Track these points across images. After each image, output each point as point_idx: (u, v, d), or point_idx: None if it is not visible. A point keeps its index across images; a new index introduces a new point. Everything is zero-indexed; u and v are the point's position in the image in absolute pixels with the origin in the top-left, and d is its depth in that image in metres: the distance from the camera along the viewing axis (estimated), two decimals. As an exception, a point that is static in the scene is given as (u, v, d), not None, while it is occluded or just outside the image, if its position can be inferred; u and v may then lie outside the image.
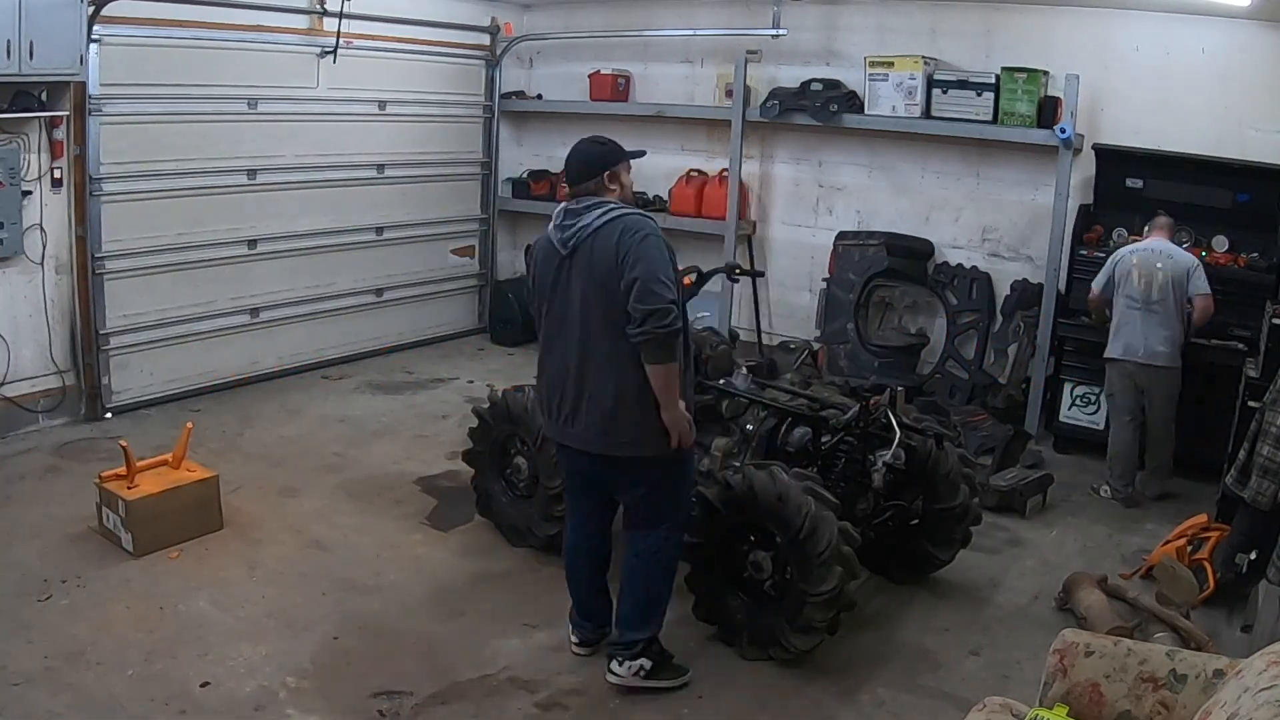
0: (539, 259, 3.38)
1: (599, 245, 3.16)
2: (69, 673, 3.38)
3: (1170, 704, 2.45)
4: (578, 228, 3.21)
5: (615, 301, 3.14)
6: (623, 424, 3.24)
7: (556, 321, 3.32)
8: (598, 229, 3.17)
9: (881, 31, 6.84)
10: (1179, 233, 5.75)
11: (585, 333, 3.23)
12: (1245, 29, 5.74)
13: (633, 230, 3.15)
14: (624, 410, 3.22)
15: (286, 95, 6.58)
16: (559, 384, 3.34)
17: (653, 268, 3.09)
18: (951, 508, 4.15)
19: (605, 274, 3.14)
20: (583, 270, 3.20)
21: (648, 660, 3.46)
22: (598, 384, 3.24)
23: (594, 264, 3.17)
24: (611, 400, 3.22)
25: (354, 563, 4.33)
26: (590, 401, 3.26)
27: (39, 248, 5.45)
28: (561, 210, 3.31)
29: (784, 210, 7.49)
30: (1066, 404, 6.08)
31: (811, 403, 4.30)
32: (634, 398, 3.21)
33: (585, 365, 3.25)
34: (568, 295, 3.26)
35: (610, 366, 3.21)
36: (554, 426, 3.43)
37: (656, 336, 3.08)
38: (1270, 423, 4.02)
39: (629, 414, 3.22)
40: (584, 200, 3.27)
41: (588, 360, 3.24)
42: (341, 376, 7.03)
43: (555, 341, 3.34)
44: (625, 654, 3.45)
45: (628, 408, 3.22)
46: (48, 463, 5.17)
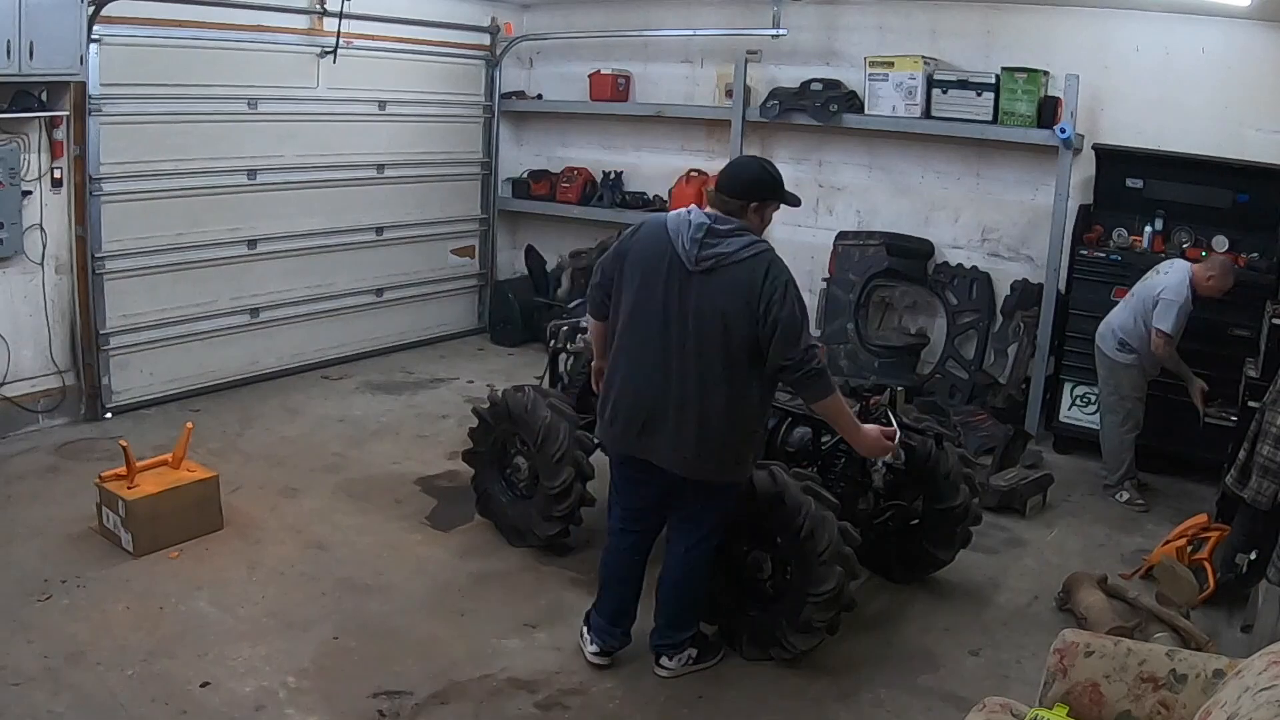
0: (644, 259, 3.23)
1: (740, 277, 3.10)
2: (69, 673, 3.38)
3: (1170, 704, 2.45)
4: (718, 251, 3.11)
5: (741, 334, 3.11)
6: (715, 450, 3.22)
7: (656, 332, 3.20)
8: (742, 260, 3.10)
9: (881, 31, 6.84)
10: (1178, 233, 5.76)
11: (698, 355, 3.15)
12: (1245, 29, 5.74)
13: (779, 274, 3.12)
14: (719, 438, 3.21)
15: (286, 95, 6.58)
16: (646, 395, 3.24)
17: (796, 316, 3.10)
18: (951, 508, 4.14)
19: (743, 305, 3.09)
20: (715, 294, 3.11)
21: (694, 649, 3.59)
22: (700, 408, 3.17)
23: (731, 293, 3.10)
24: (711, 428, 3.18)
25: (354, 563, 4.33)
26: (685, 423, 3.19)
27: (39, 248, 5.45)
28: (704, 225, 3.15)
29: (784, 210, 7.43)
30: (1066, 404, 6.08)
31: (811, 403, 4.29)
32: (730, 429, 3.21)
33: (687, 386, 3.17)
34: (687, 310, 3.14)
35: (718, 394, 3.16)
36: (623, 437, 3.33)
37: (810, 376, 3.15)
38: (1270, 423, 4.02)
39: (723, 442, 3.22)
40: (727, 222, 3.17)
41: (693, 382, 3.16)
42: (341, 376, 7.03)
43: (648, 351, 3.22)
44: (675, 651, 3.56)
45: (724, 436, 3.21)
46: (48, 463, 5.17)
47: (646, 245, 3.24)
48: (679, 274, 3.15)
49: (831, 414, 3.30)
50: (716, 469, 3.28)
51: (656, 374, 3.21)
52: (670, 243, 3.17)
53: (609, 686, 3.52)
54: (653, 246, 3.22)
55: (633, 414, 3.28)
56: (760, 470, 3.66)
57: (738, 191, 3.22)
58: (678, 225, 3.18)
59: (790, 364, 3.11)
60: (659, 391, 3.21)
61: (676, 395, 3.19)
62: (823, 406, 3.26)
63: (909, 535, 4.26)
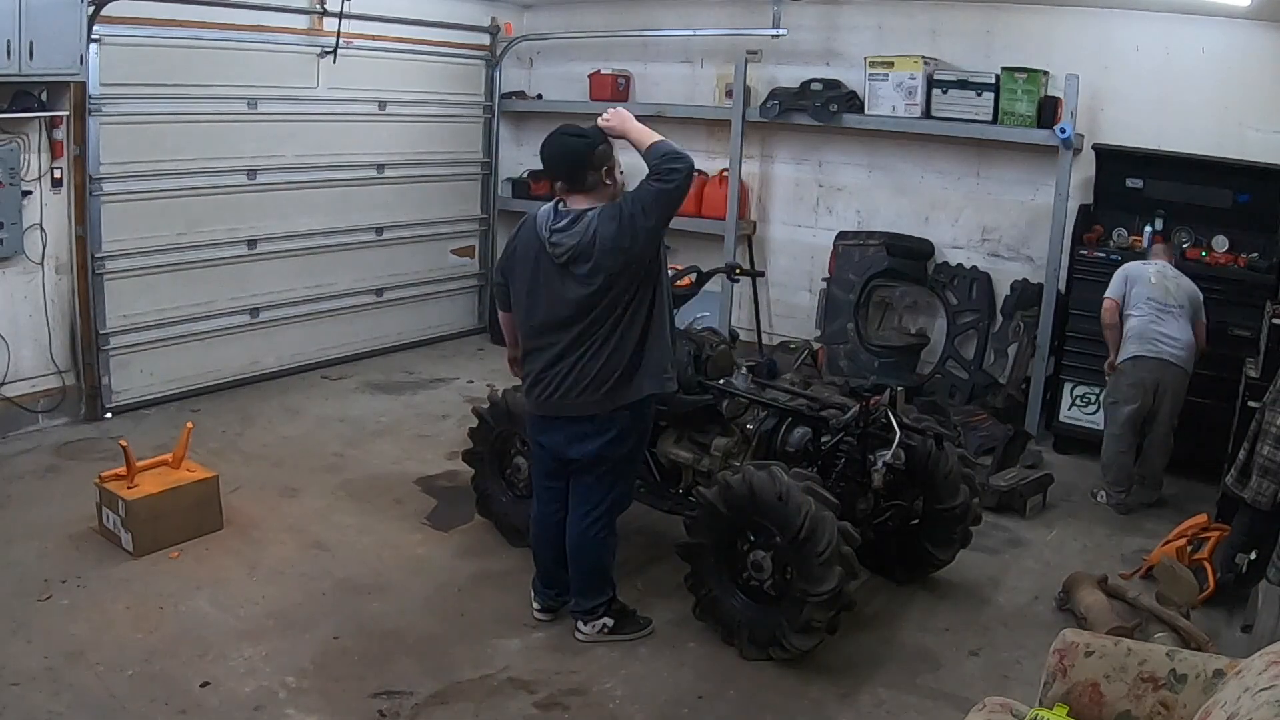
0: (523, 251, 3.46)
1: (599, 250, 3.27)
2: (69, 673, 3.38)
3: (1170, 704, 2.45)
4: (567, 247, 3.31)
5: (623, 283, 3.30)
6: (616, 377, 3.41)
7: (548, 317, 3.43)
8: (591, 236, 3.28)
9: (881, 31, 6.84)
10: (1178, 233, 5.76)
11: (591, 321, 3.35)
12: (1245, 29, 5.74)
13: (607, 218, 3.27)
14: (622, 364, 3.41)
15: (286, 95, 6.58)
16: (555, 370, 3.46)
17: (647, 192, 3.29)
18: (951, 508, 4.14)
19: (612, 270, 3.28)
20: (583, 277, 3.31)
21: (609, 619, 3.77)
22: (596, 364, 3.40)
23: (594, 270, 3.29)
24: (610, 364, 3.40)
25: (354, 563, 4.33)
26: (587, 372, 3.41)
27: (39, 248, 5.45)
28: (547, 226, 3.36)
29: (784, 210, 7.49)
30: (1066, 404, 6.08)
31: (811, 403, 4.30)
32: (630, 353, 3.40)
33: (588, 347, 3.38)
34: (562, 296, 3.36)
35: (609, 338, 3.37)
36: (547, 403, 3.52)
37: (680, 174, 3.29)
38: (1270, 423, 4.02)
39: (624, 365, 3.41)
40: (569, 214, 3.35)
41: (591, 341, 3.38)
42: (341, 376, 7.03)
43: (547, 335, 3.45)
44: (588, 617, 3.76)
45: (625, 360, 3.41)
46: (48, 463, 5.17)
47: (524, 242, 3.47)
48: (550, 266, 3.37)
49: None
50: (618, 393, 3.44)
51: (558, 355, 3.43)
52: (540, 238, 3.38)
53: (609, 686, 3.52)
54: (528, 242, 3.45)
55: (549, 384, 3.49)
56: (760, 470, 3.67)
57: (569, 173, 3.37)
58: (542, 220, 3.40)
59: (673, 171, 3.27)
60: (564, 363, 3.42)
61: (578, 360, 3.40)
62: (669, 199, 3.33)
63: (909, 535, 4.26)
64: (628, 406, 3.48)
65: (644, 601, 4.11)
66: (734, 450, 4.31)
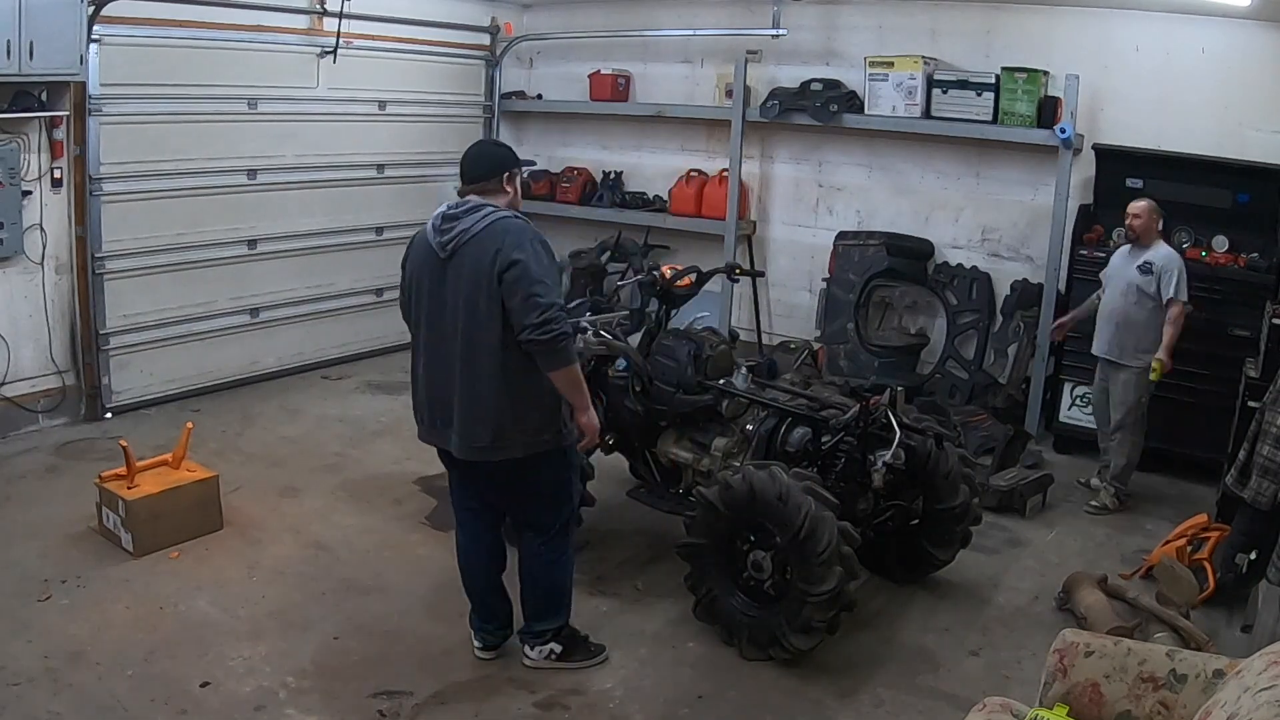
0: (415, 262, 3.32)
1: (478, 250, 3.11)
2: (69, 673, 3.38)
3: (1170, 704, 2.45)
4: (456, 232, 3.15)
5: (495, 305, 3.09)
6: (488, 427, 3.18)
7: (435, 327, 3.25)
8: (477, 234, 3.12)
9: (881, 31, 6.84)
10: (1178, 233, 5.75)
11: (464, 339, 3.16)
12: (1245, 29, 5.74)
13: (513, 234, 3.11)
14: (501, 416, 3.17)
15: (286, 95, 6.58)
16: (438, 391, 3.27)
17: (531, 273, 3.05)
18: (951, 508, 4.15)
19: (484, 277, 3.08)
20: (463, 275, 3.14)
21: (558, 645, 3.57)
22: (476, 392, 3.17)
23: (475, 268, 3.11)
24: (489, 406, 3.17)
25: (354, 563, 4.33)
26: (467, 408, 3.19)
27: (39, 248, 5.45)
28: (439, 215, 3.25)
29: (784, 210, 7.49)
30: (1066, 404, 6.08)
31: (811, 403, 4.30)
32: (510, 403, 3.17)
33: (464, 373, 3.18)
34: (446, 298, 3.19)
35: (489, 373, 3.15)
36: (430, 432, 3.37)
37: (545, 344, 3.06)
38: (1270, 423, 4.02)
39: (505, 418, 3.18)
40: (464, 204, 3.24)
41: (467, 367, 3.17)
42: (341, 376, 7.03)
43: (435, 348, 3.26)
44: (536, 641, 3.57)
45: (504, 413, 3.17)
46: (48, 463, 5.17)
47: (418, 247, 3.34)
48: (437, 266, 3.21)
49: (563, 387, 3.20)
50: (496, 447, 3.21)
51: (440, 366, 3.25)
52: (428, 240, 3.24)
53: (609, 686, 3.52)
54: (421, 246, 3.30)
55: (430, 408, 3.33)
56: (760, 470, 3.67)
57: (478, 173, 3.31)
58: (430, 222, 3.27)
59: (528, 325, 3.04)
60: (444, 383, 3.24)
61: (458, 382, 3.20)
62: (554, 378, 3.16)
63: (909, 535, 4.26)
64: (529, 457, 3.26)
65: (644, 601, 4.12)
66: (734, 450, 4.31)
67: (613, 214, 7.76)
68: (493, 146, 3.50)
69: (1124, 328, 5.14)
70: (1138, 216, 5.09)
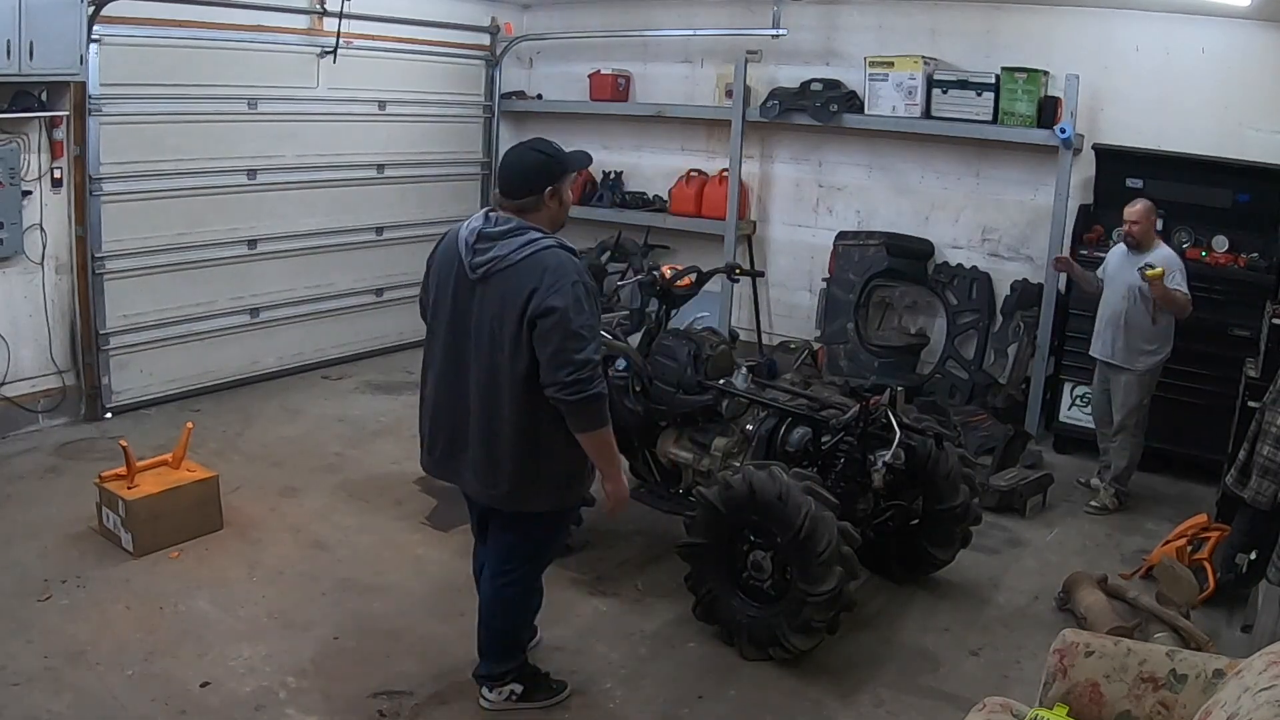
0: (441, 267, 3.01)
1: (514, 282, 2.81)
2: (69, 673, 3.38)
3: (1170, 704, 2.45)
4: (492, 256, 2.83)
5: (523, 349, 2.81)
6: (509, 476, 2.94)
7: (452, 345, 2.97)
8: (515, 264, 2.81)
9: (881, 31, 6.84)
10: (1178, 233, 5.76)
11: (488, 373, 2.90)
12: (1245, 29, 5.74)
13: (553, 273, 2.78)
14: (511, 463, 2.93)
15: (286, 95, 6.58)
16: (446, 416, 3.03)
17: (570, 325, 2.75)
18: (951, 508, 4.15)
19: (515, 314, 2.79)
20: (492, 303, 2.85)
21: (518, 685, 3.33)
22: (490, 430, 2.93)
23: (506, 301, 2.81)
24: (502, 451, 2.92)
25: (354, 563, 4.33)
26: (480, 446, 2.96)
27: (39, 248, 5.45)
28: (477, 230, 2.90)
29: (784, 210, 7.49)
30: (1066, 404, 6.08)
31: (811, 403, 4.30)
32: (531, 452, 2.92)
33: (483, 408, 2.92)
34: (470, 322, 2.91)
35: (506, 414, 2.89)
36: (435, 463, 3.14)
37: (574, 405, 2.79)
38: (1270, 423, 4.02)
39: (518, 468, 2.93)
40: (504, 222, 2.88)
41: (486, 403, 2.92)
42: (341, 376, 7.03)
43: (446, 368, 3.01)
44: (494, 683, 3.32)
45: (517, 461, 2.93)
46: (48, 463, 5.17)
47: (443, 255, 3.02)
48: (465, 284, 2.91)
49: (592, 451, 2.91)
50: (514, 497, 2.98)
51: (453, 393, 2.98)
52: (459, 251, 2.92)
53: (609, 687, 3.52)
54: (447, 256, 2.99)
55: (436, 436, 3.08)
56: (760, 470, 3.67)
57: (518, 187, 2.91)
58: (466, 231, 2.94)
59: (558, 382, 2.76)
60: (457, 412, 2.98)
61: (474, 416, 2.94)
62: (586, 439, 2.87)
63: (909, 535, 4.26)
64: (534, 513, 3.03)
65: (644, 602, 4.12)
66: (734, 450, 4.31)
67: (613, 214, 7.76)
68: (533, 155, 2.93)
69: (1124, 330, 5.13)
70: (1136, 222, 5.08)
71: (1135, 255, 5.12)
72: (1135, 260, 5.11)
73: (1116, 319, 5.18)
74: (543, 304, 2.75)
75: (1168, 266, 5.00)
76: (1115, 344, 5.19)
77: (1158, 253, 5.08)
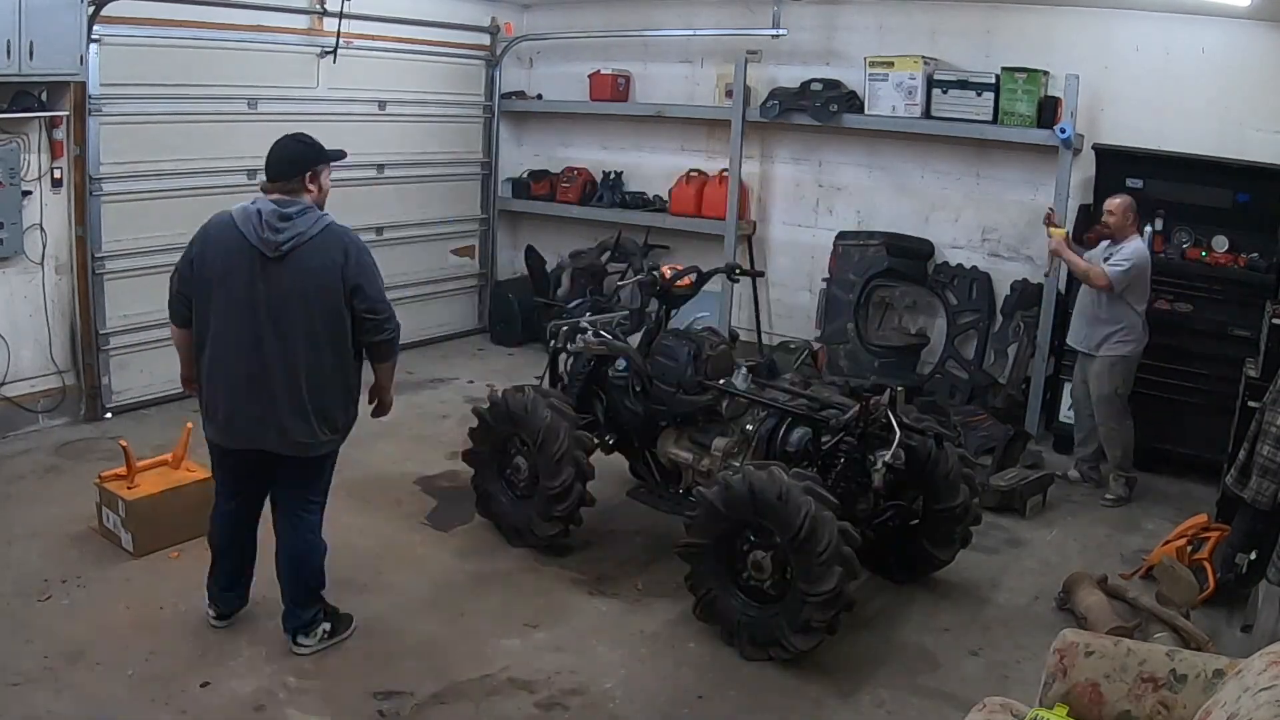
0: (218, 252, 3.31)
1: (318, 254, 3.27)
2: (69, 673, 3.38)
3: (1170, 704, 2.45)
4: (295, 233, 3.24)
5: (332, 310, 3.29)
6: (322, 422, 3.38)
7: (247, 318, 3.26)
8: (313, 237, 3.26)
9: (881, 31, 6.84)
10: (1178, 233, 5.76)
11: (293, 336, 3.27)
12: (1245, 29, 5.74)
13: (355, 246, 3.36)
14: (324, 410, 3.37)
15: (286, 95, 6.57)
16: (250, 390, 3.30)
17: (377, 283, 3.39)
18: (951, 508, 4.15)
19: (330, 282, 3.27)
20: (299, 274, 3.25)
21: (327, 623, 3.65)
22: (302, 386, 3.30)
23: (316, 272, 3.26)
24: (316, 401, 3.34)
25: (354, 563, 4.32)
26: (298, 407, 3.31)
27: (39, 248, 5.45)
28: (272, 211, 3.27)
29: (784, 210, 7.49)
30: (1066, 404, 6.07)
31: (811, 403, 4.30)
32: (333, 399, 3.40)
33: (288, 368, 3.28)
34: (266, 295, 3.24)
35: (318, 368, 3.32)
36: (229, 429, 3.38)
37: (390, 343, 3.47)
38: (1270, 423, 4.02)
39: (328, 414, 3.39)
40: (293, 204, 3.31)
41: (297, 367, 3.29)
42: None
43: (243, 337, 3.28)
44: (308, 628, 3.59)
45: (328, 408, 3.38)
46: (48, 463, 5.17)
47: (220, 244, 3.33)
48: (259, 264, 3.25)
49: (388, 373, 3.66)
50: (331, 441, 3.46)
51: (253, 360, 3.28)
52: (244, 237, 3.26)
53: (609, 686, 3.52)
54: (226, 244, 3.31)
55: (236, 404, 3.34)
56: (760, 470, 3.67)
57: (285, 172, 3.36)
58: (245, 218, 3.29)
59: (373, 324, 3.37)
60: (261, 378, 3.29)
61: (285, 376, 3.28)
62: (383, 368, 3.61)
63: (909, 535, 4.26)
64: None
65: (644, 602, 4.12)
66: (734, 450, 4.31)
67: (613, 214, 7.76)
68: (296, 145, 3.44)
69: (1093, 321, 5.27)
70: (1112, 214, 5.20)
71: (1111, 247, 5.20)
72: (1108, 252, 5.19)
73: (1084, 308, 5.35)
74: (354, 280, 3.31)
75: (1127, 256, 5.09)
76: (1082, 331, 5.36)
77: (1129, 245, 5.17)
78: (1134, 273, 5.10)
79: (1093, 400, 5.37)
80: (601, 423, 4.66)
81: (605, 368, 4.61)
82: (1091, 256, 5.33)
